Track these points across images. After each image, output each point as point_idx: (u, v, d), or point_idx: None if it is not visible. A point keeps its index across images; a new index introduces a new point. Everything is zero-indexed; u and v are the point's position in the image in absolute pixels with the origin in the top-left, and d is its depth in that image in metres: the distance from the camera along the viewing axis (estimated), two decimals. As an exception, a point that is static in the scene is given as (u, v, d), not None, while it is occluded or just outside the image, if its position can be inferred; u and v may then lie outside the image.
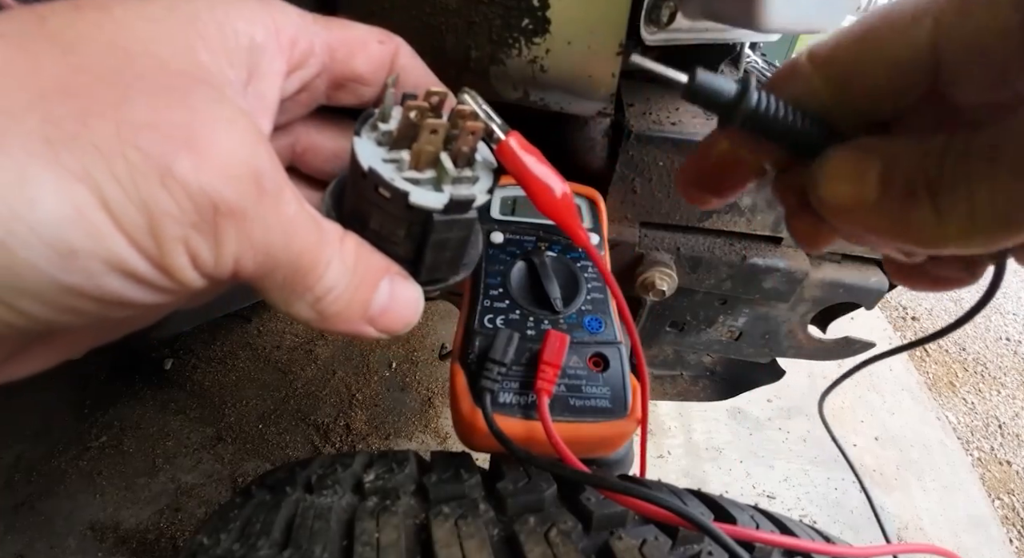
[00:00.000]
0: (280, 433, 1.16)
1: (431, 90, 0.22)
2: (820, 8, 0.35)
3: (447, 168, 0.21)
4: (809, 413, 1.45)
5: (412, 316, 0.23)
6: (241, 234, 0.16)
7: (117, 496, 1.00)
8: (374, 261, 0.21)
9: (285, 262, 0.18)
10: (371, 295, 0.21)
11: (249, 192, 0.16)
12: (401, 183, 0.20)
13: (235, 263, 0.17)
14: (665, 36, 0.38)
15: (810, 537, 0.37)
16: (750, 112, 0.19)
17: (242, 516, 0.33)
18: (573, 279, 0.38)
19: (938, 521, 1.25)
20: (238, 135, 0.16)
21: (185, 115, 0.15)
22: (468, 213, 0.22)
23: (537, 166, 0.25)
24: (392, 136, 0.22)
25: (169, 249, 0.15)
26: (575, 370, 0.34)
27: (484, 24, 0.34)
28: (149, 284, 0.16)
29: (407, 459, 0.35)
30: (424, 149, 0.21)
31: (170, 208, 0.15)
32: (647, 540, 0.30)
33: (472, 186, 0.22)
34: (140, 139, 0.14)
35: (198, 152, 0.15)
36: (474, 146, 0.22)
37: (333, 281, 0.20)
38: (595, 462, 0.43)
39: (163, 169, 0.14)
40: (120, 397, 1.16)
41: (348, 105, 0.25)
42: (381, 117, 0.22)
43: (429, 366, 1.37)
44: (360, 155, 0.21)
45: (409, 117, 0.21)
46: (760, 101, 0.19)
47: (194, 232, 0.15)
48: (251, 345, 1.33)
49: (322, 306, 0.20)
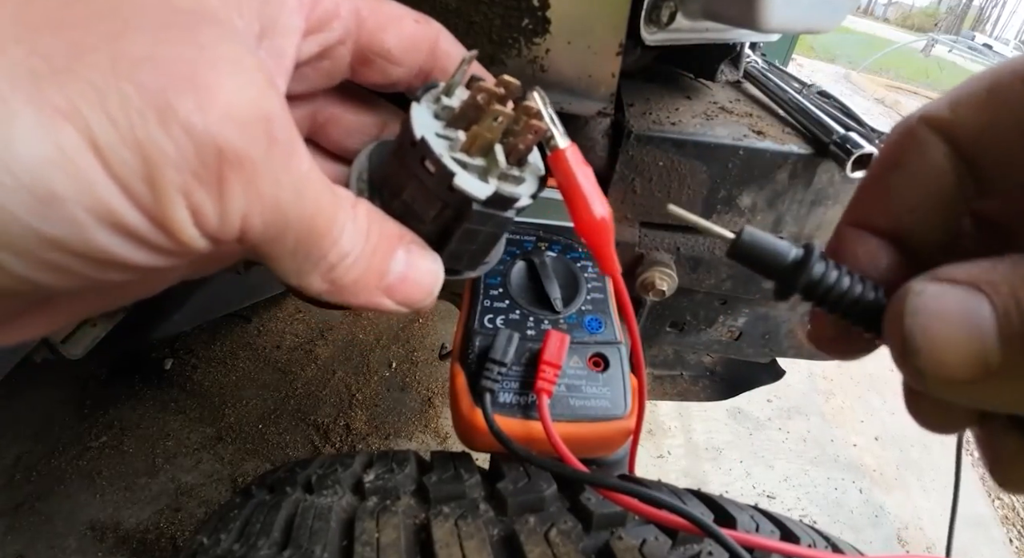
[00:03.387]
0: (280, 433, 1.16)
1: (505, 78, 0.21)
2: (820, 8, 0.35)
3: (499, 160, 0.20)
4: (809, 413, 1.45)
5: (432, 286, 0.21)
6: (249, 187, 0.15)
7: (117, 496, 1.00)
8: (388, 228, 0.20)
9: (297, 223, 0.16)
10: (387, 264, 0.20)
11: (259, 140, 0.14)
12: (449, 162, 0.19)
13: (242, 221, 0.15)
14: (665, 36, 0.38)
15: (811, 539, 0.37)
16: (812, 281, 0.17)
17: (242, 516, 0.33)
18: (573, 279, 0.38)
19: (938, 521, 1.25)
20: (248, 77, 0.15)
21: (190, 51, 0.14)
22: (507, 211, 0.21)
23: (587, 182, 0.24)
24: (453, 113, 0.21)
25: (168, 200, 0.14)
26: (575, 370, 0.34)
27: (484, 24, 0.34)
28: (144, 242, 0.14)
29: (407, 459, 0.35)
30: (483, 134, 0.20)
31: (169, 151, 0.13)
32: (647, 540, 0.30)
33: (517, 186, 0.21)
34: (138, 73, 0.13)
35: (203, 91, 0.13)
36: (531, 146, 0.22)
37: (348, 247, 0.18)
38: (595, 462, 0.43)
39: (162, 107, 0.13)
40: (120, 397, 1.16)
41: (374, 85, 0.24)
42: (445, 91, 0.21)
43: (429, 366, 1.37)
44: (415, 122, 0.20)
45: (476, 99, 0.20)
46: (824, 268, 0.17)
47: (195, 182, 0.14)
48: (251, 345, 1.33)
49: (336, 274, 0.18)
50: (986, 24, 18.57)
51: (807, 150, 0.45)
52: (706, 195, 0.48)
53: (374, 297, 0.20)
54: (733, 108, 0.51)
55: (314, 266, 0.18)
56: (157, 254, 0.15)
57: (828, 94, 0.59)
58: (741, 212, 0.50)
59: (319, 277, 0.18)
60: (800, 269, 0.17)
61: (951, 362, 0.13)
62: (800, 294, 0.17)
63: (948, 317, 0.13)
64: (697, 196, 0.48)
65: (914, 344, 0.14)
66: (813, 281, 0.17)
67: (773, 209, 0.49)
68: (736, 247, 0.18)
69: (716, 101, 0.53)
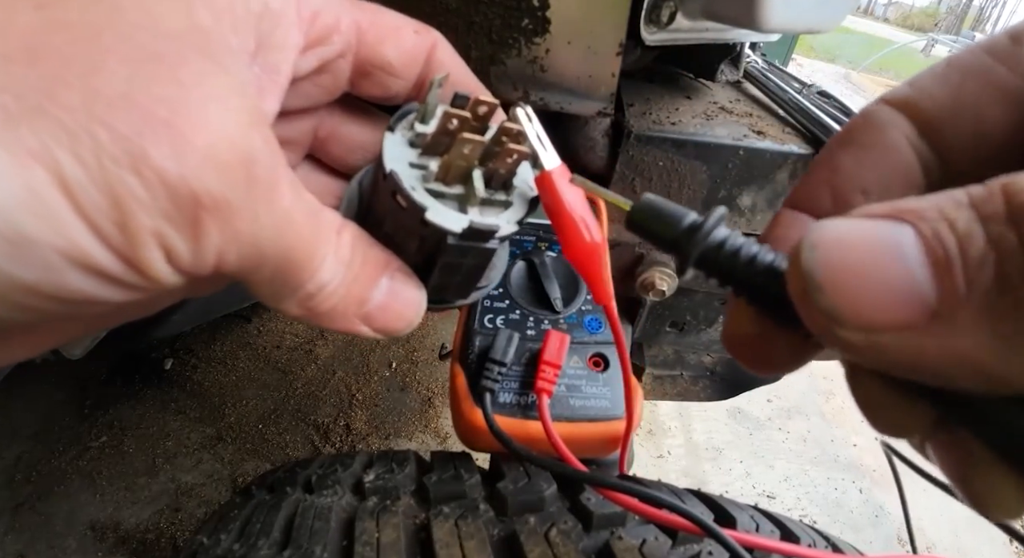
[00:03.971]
0: (280, 433, 1.15)
1: (480, 99, 0.19)
2: (820, 8, 0.35)
3: (476, 188, 0.19)
4: (809, 413, 1.45)
5: (413, 316, 0.21)
6: (225, 228, 0.14)
7: (117, 496, 1.00)
8: (372, 255, 0.19)
9: (274, 256, 0.16)
10: (368, 292, 0.19)
11: (237, 182, 0.14)
12: (421, 196, 0.18)
13: (217, 258, 0.15)
14: (665, 36, 0.38)
15: (811, 539, 0.37)
16: (710, 248, 0.15)
17: (242, 516, 0.33)
18: (573, 279, 0.38)
19: (938, 521, 1.25)
20: (231, 116, 0.14)
21: (169, 89, 0.13)
22: (488, 243, 0.19)
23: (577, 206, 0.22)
24: (426, 140, 0.19)
25: (140, 242, 0.13)
26: (575, 370, 0.34)
27: (484, 24, 0.34)
28: (117, 281, 0.14)
29: (407, 459, 0.35)
30: (455, 163, 0.19)
31: (141, 195, 0.13)
32: (647, 540, 0.30)
33: (500, 213, 0.20)
34: (111, 115, 0.12)
35: (179, 135, 0.13)
36: (513, 170, 0.20)
37: (327, 278, 0.18)
38: (595, 462, 0.43)
39: (136, 153, 0.12)
40: (120, 397, 1.16)
41: (374, 98, 0.23)
42: (421, 116, 0.20)
43: (429, 366, 1.37)
44: (387, 154, 0.19)
45: (446, 125, 0.19)
46: (725, 235, 0.15)
47: (168, 225, 0.13)
48: (251, 345, 1.33)
49: (313, 304, 0.18)
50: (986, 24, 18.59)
51: (807, 150, 0.45)
52: (706, 195, 0.48)
53: (351, 324, 0.19)
54: (733, 108, 0.51)
55: (291, 293, 0.17)
56: (130, 291, 0.14)
57: (828, 94, 0.59)
58: (741, 212, 0.50)
59: (295, 304, 0.18)
60: (694, 234, 0.15)
61: (867, 300, 0.11)
62: (696, 266, 0.15)
63: (857, 244, 0.11)
64: (697, 196, 0.48)
65: (814, 280, 0.11)
66: (711, 248, 0.15)
67: (773, 209, 0.49)
68: (632, 215, 0.16)
69: (716, 101, 0.53)
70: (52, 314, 0.14)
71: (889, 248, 0.11)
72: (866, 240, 0.11)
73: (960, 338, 0.10)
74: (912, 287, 0.10)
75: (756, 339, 0.16)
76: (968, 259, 0.10)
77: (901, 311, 0.10)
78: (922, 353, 0.10)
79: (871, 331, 0.11)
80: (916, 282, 0.10)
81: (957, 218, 0.10)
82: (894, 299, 0.10)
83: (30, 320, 0.14)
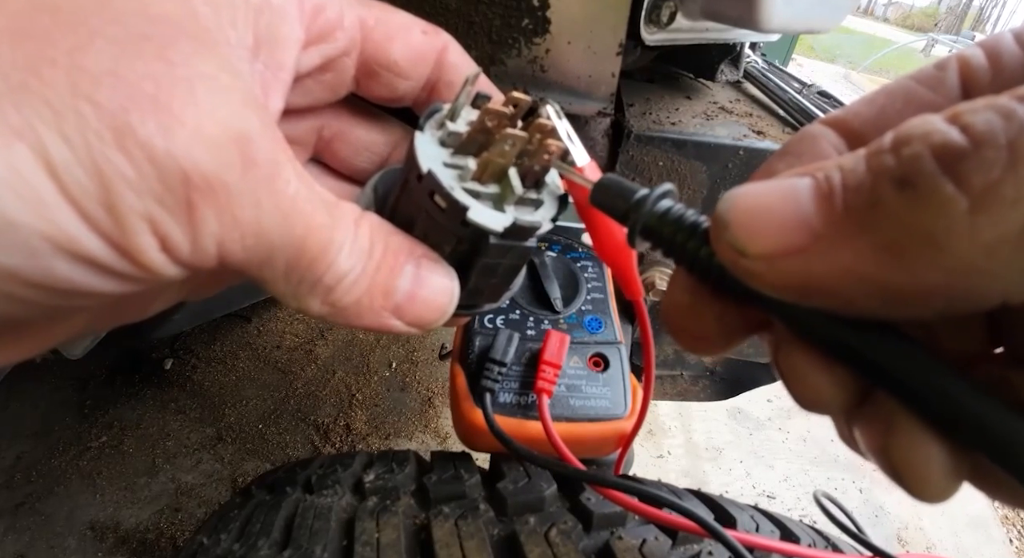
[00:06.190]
0: (280, 433, 1.15)
1: (514, 96, 0.19)
2: (820, 8, 0.35)
3: (514, 186, 0.19)
4: (809, 413, 1.44)
5: (446, 304, 0.19)
6: (223, 212, 0.14)
7: (117, 496, 1.00)
8: (395, 242, 0.18)
9: (285, 246, 0.15)
10: (393, 282, 0.18)
11: (232, 163, 0.13)
12: (461, 195, 0.18)
13: (218, 248, 0.14)
14: (665, 36, 0.38)
15: (811, 539, 0.37)
16: (654, 217, 0.16)
17: (242, 516, 0.33)
18: (573, 279, 0.38)
19: (938, 521, 1.25)
20: (221, 95, 0.14)
21: (157, 66, 0.13)
22: (527, 241, 0.19)
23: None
24: (460, 139, 0.19)
25: (129, 226, 0.13)
26: (575, 370, 0.34)
27: (484, 24, 0.34)
28: (109, 270, 0.13)
29: (407, 459, 0.35)
30: (495, 161, 0.18)
31: (128, 174, 0.12)
32: (647, 540, 0.30)
33: (536, 211, 0.20)
34: (96, 91, 0.12)
35: (166, 111, 0.12)
36: (547, 167, 0.20)
37: (346, 268, 0.17)
38: (594, 462, 0.43)
39: (121, 127, 0.12)
40: (120, 397, 1.16)
41: (380, 99, 0.23)
42: (450, 115, 0.20)
43: (429, 366, 1.36)
44: (420, 154, 0.18)
45: (485, 123, 0.18)
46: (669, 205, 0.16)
47: (160, 207, 0.13)
48: (251, 345, 1.33)
49: (335, 297, 0.17)
50: (986, 24, 18.58)
51: (807, 150, 0.45)
52: (706, 195, 0.48)
53: (381, 319, 0.18)
54: (733, 108, 0.51)
55: (310, 289, 0.17)
56: (126, 282, 0.14)
57: (828, 94, 0.59)
58: (741, 212, 0.50)
59: (317, 300, 0.17)
60: (641, 206, 0.16)
61: (764, 230, 0.12)
62: (642, 236, 0.16)
63: (761, 192, 0.13)
64: (697, 196, 0.48)
65: (723, 219, 0.13)
66: (654, 216, 0.16)
67: (773, 209, 0.49)
68: (593, 193, 0.17)
69: (716, 101, 0.53)
70: (43, 306, 0.13)
71: (786, 192, 0.12)
72: (769, 188, 0.13)
73: (843, 252, 0.11)
74: (800, 217, 0.12)
75: (688, 310, 0.17)
76: (848, 187, 0.12)
77: (790, 236, 0.12)
78: (812, 272, 0.12)
79: (769, 258, 0.12)
80: (804, 212, 0.12)
81: (847, 162, 0.12)
82: (785, 228, 0.12)
83: (20, 312, 0.13)
